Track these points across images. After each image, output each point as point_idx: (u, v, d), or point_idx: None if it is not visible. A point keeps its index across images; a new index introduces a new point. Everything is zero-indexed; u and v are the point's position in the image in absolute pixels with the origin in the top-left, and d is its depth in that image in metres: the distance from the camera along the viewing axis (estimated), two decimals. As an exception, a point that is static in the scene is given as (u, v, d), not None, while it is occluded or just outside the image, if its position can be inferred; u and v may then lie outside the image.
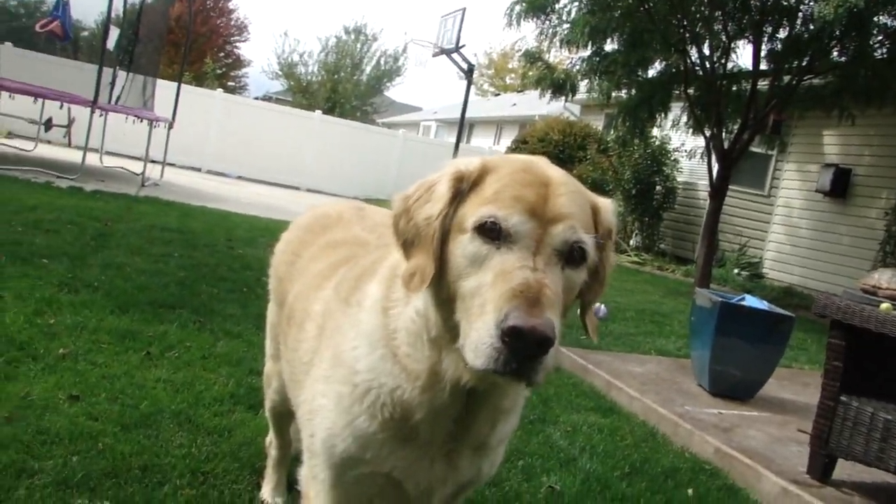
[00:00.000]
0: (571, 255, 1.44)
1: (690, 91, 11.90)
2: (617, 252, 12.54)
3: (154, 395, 3.56)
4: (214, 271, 6.56)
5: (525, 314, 1.28)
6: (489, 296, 1.35)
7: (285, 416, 2.71)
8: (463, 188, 1.51)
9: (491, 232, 1.40)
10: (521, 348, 1.28)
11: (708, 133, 11.78)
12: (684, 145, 15.48)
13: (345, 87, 38.70)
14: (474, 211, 1.44)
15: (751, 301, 5.58)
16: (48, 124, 14.90)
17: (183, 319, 4.88)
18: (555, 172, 1.53)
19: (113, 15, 13.39)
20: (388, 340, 1.64)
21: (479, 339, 1.33)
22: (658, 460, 4.06)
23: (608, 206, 1.61)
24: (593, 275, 1.55)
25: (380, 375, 1.64)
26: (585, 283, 1.53)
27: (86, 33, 17.92)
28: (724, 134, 11.60)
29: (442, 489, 1.71)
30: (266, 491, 2.87)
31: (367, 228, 2.35)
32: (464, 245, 1.44)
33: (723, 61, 11.57)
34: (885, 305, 3.82)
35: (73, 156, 13.23)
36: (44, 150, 14.56)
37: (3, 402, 3.14)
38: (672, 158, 16.40)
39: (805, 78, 10.97)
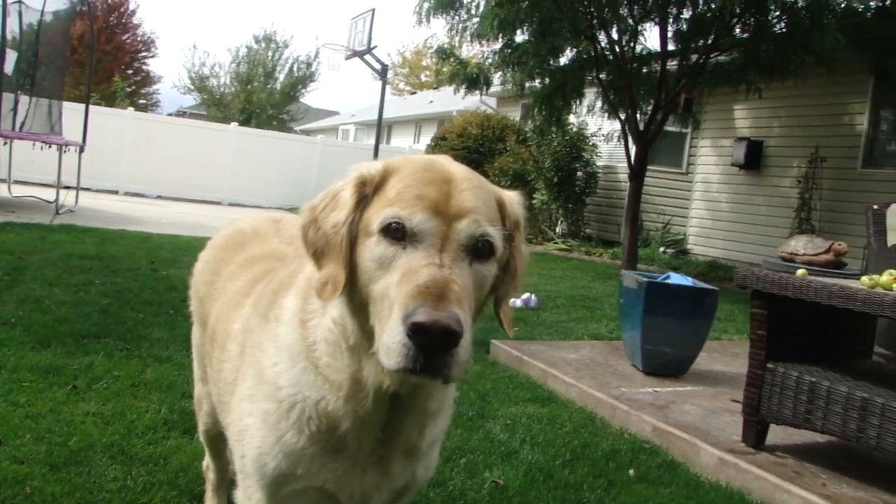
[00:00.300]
0: (478, 250, 1.44)
1: (602, 76, 12.11)
2: (544, 240, 12.67)
3: (83, 429, 3.45)
4: (139, 296, 6.39)
5: (430, 309, 1.28)
6: (396, 295, 1.35)
7: (219, 438, 2.65)
8: (367, 192, 1.51)
9: (396, 232, 1.41)
10: (428, 343, 1.28)
11: (623, 116, 12.01)
12: (601, 130, 15.74)
13: (259, 97, 38.29)
14: (379, 213, 1.45)
15: (676, 279, 5.71)
16: (-51, 157, 14.32)
17: (109, 348, 4.75)
18: (457, 169, 1.53)
19: (8, 37, 12.91)
20: (308, 353, 1.62)
21: (389, 340, 1.32)
22: (598, 444, 4.12)
23: (514, 198, 1.63)
24: (504, 268, 1.56)
25: (303, 389, 1.62)
26: (497, 276, 1.53)
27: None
28: (638, 116, 11.83)
29: (377, 497, 1.70)
30: (207, 516, 2.82)
31: (284, 241, 2.32)
32: (371, 248, 1.44)
33: (631, 45, 11.81)
34: (800, 272, 3.95)
35: (-20, 188, 12.73)
36: (-53, 185, 13.96)
37: (-81, 454, 3.00)
38: (590, 144, 16.66)
39: (711, 56, 11.27)
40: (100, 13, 36.98)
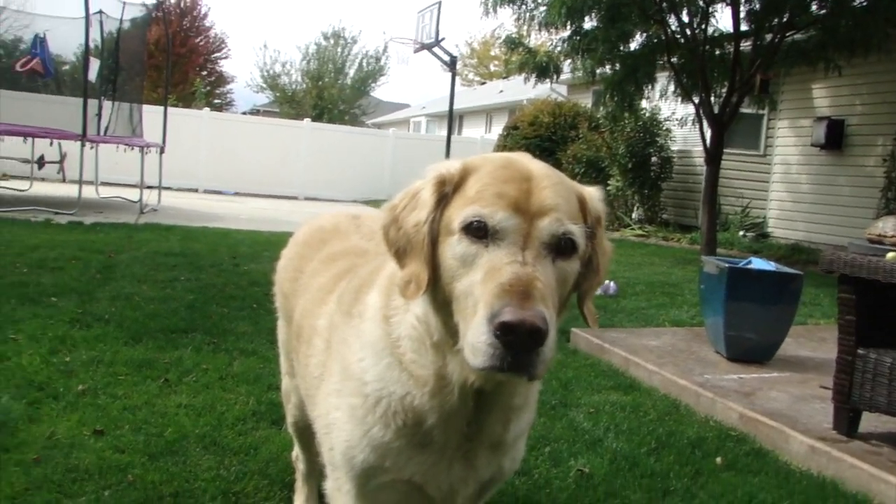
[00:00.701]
0: (561, 247, 1.44)
1: (674, 60, 11.87)
2: (620, 227, 12.51)
3: (177, 421, 3.58)
4: (222, 291, 6.57)
5: (515, 308, 1.29)
6: (480, 294, 1.36)
7: (308, 430, 2.69)
8: (447, 191, 1.53)
9: (478, 231, 1.42)
10: (515, 342, 1.29)
11: (697, 100, 11.76)
12: (675, 114, 15.45)
13: (330, 93, 38.72)
14: (459, 212, 1.46)
15: (757, 263, 5.58)
16: (40, 162, 14.98)
17: (197, 342, 4.90)
18: (536, 166, 1.54)
19: (91, 46, 13.39)
20: (392, 349, 1.65)
21: (475, 339, 1.33)
22: (683, 432, 4.06)
23: (594, 193, 1.63)
24: (587, 264, 1.56)
25: (388, 384, 1.65)
26: (580, 273, 1.53)
27: (66, 67, 17.90)
28: (712, 99, 11.58)
29: (464, 490, 1.72)
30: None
31: (364, 237, 2.37)
32: (453, 247, 1.45)
33: (703, 27, 11.54)
34: (891, 255, 3.81)
35: (70, 190, 13.24)
36: (39, 189, 14.60)
37: (30, 444, 3.16)
38: (664, 128, 16.37)
39: (787, 34, 10.94)
40: (173, 18, 37.90)
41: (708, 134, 11.61)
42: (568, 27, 11.84)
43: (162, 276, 6.95)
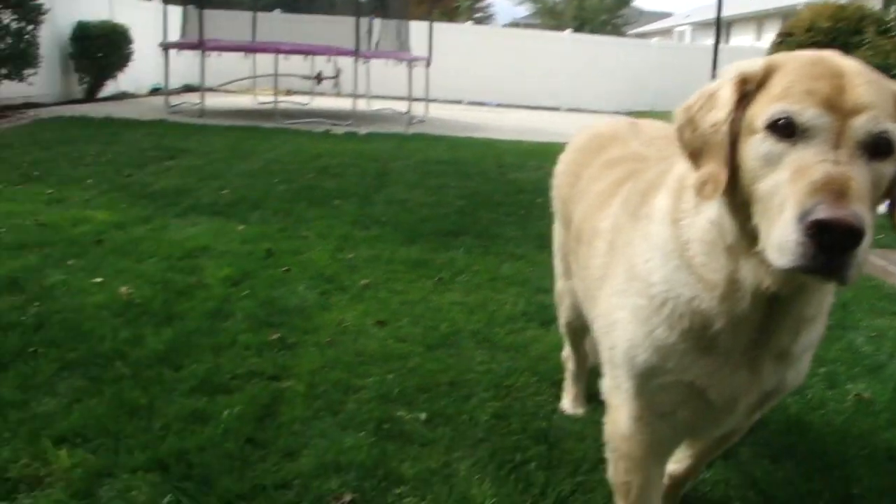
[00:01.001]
0: (877, 148, 1.33)
1: None
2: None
3: (451, 317, 3.76)
4: (490, 198, 6.75)
5: (831, 206, 1.21)
6: (789, 193, 1.28)
7: (580, 330, 2.76)
8: (749, 90, 1.45)
9: (784, 129, 1.34)
10: (830, 242, 1.21)
11: None
12: None
13: (591, 3, 37.78)
14: (763, 110, 1.38)
15: None
16: (319, 77, 16.09)
17: (467, 245, 5.10)
18: (849, 63, 1.41)
19: (362, -33, 13.99)
20: (681, 251, 1.61)
21: (782, 238, 1.27)
22: None
23: None
24: None
25: (675, 286, 1.62)
26: (893, 177, 1.39)
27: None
28: None
29: (746, 398, 1.68)
30: (567, 402, 2.94)
31: (644, 143, 2.32)
32: (756, 146, 1.38)
33: None
34: None
35: (345, 103, 14.17)
36: (319, 102, 15.73)
37: (324, 329, 3.48)
38: (978, 20, 14.18)
39: None
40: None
41: None
42: None
43: (432, 183, 7.27)
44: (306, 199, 6.14)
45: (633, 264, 1.73)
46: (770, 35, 23.09)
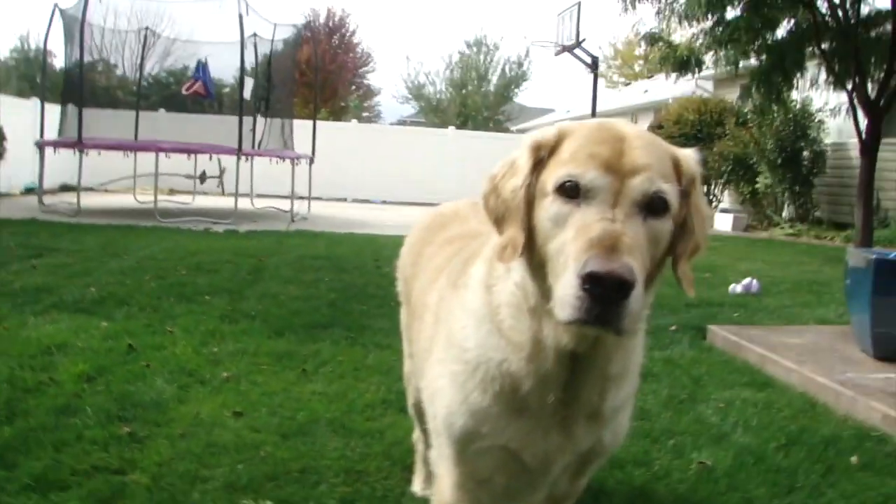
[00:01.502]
0: (652, 206, 1.45)
1: (824, 46, 11.29)
2: (770, 226, 11.93)
3: (310, 406, 3.78)
4: (363, 290, 6.84)
5: (602, 260, 1.31)
6: (571, 250, 1.39)
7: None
8: (542, 155, 1.56)
9: (570, 191, 1.45)
10: (601, 293, 1.31)
11: (850, 87, 11.14)
12: (827, 104, 14.65)
13: (474, 100, 39.24)
14: (553, 174, 1.49)
15: (909, 254, 5.25)
16: (202, 177, 16.08)
17: (335, 337, 5.15)
18: (630, 128, 1.56)
19: (247, 67, 14.26)
20: (493, 316, 1.69)
21: (563, 293, 1.37)
22: (817, 430, 3.87)
23: (689, 154, 1.62)
24: (682, 226, 1.55)
25: (488, 350, 1.69)
26: (675, 234, 1.53)
27: (226, 89, 19.15)
28: (868, 85, 10.92)
29: (561, 458, 1.73)
30: (416, 484, 2.98)
31: (483, 221, 2.41)
32: (547, 208, 1.49)
33: (855, 6, 10.93)
34: None
35: (228, 202, 14.14)
36: (201, 201, 15.62)
37: (177, 421, 3.45)
38: (816, 120, 15.55)
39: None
40: (322, 37, 39.58)
41: (863, 123, 10.96)
42: (709, 18, 11.54)
43: (307, 277, 7.33)
44: (176, 295, 6.09)
45: (452, 332, 1.79)
46: (643, 127, 24.50)
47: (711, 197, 18.28)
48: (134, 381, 3.94)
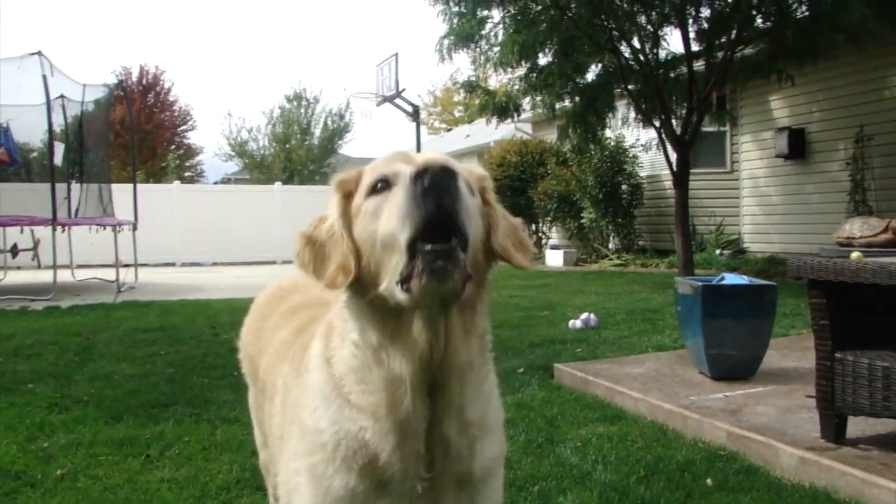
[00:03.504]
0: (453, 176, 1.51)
1: (631, 87, 12.09)
2: (598, 258, 12.48)
3: (159, 496, 3.52)
4: (203, 361, 6.51)
5: (421, 164, 1.42)
6: (393, 215, 1.43)
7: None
8: (350, 188, 1.63)
9: (382, 187, 1.52)
10: (431, 183, 1.38)
11: (658, 123, 11.95)
12: (639, 140, 15.65)
13: (298, 154, 38.98)
14: (362, 193, 1.56)
15: (730, 279, 5.61)
16: (14, 251, 14.88)
17: (178, 415, 4.85)
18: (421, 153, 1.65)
19: (56, 130, 13.44)
20: (339, 390, 1.62)
21: (396, 207, 1.42)
22: (672, 457, 4.03)
23: (474, 166, 1.75)
24: (487, 218, 1.60)
25: (343, 424, 1.60)
26: (484, 226, 1.57)
27: (34, 154, 17.95)
28: (673, 121, 11.76)
29: None
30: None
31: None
32: (364, 212, 1.54)
33: (654, 51, 11.80)
34: (855, 255, 3.85)
35: (45, 276, 13.17)
36: (15, 277, 14.53)
37: (7, 537, 3.10)
38: (631, 155, 16.57)
39: (737, 49, 11.19)
40: (136, 96, 38.21)
41: (673, 156, 11.77)
42: (523, 65, 12.07)
43: (141, 353, 6.89)
44: (-8, 387, 5.54)
45: (303, 421, 1.70)
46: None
47: (540, 234, 18.97)
48: (-50, 495, 3.52)
